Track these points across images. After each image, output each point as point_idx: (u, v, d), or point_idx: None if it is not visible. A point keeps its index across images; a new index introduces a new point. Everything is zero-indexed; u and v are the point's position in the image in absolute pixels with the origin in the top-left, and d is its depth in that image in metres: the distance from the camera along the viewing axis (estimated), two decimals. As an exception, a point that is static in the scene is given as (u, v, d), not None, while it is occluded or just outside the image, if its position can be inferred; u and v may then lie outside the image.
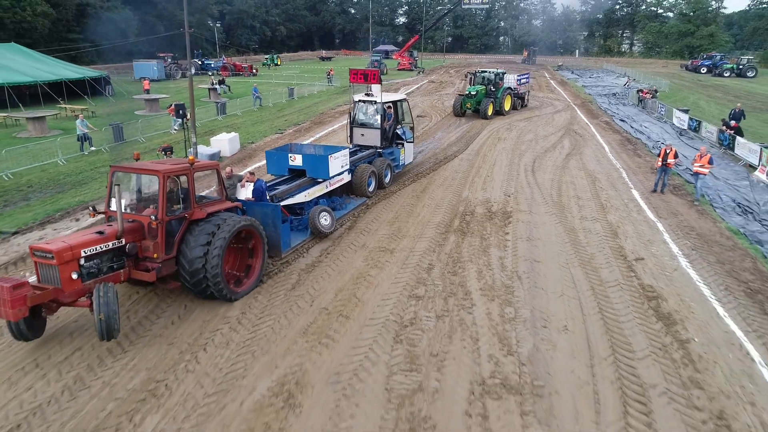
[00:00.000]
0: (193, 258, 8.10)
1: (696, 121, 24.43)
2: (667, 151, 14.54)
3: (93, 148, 20.25)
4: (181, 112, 16.98)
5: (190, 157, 8.83)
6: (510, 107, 29.86)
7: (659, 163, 14.78)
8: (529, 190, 15.31)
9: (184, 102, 18.91)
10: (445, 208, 13.75)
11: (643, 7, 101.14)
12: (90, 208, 8.84)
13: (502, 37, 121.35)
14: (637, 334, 7.98)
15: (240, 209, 9.62)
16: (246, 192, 10.96)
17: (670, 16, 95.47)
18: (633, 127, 26.08)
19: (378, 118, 15.58)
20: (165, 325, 8.16)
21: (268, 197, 11.08)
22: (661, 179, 14.92)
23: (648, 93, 33.67)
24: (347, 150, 13.98)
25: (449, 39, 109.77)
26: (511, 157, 19.52)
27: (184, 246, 8.23)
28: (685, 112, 26.52)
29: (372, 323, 8.15)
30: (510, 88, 30.06)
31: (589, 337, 7.91)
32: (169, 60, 53.32)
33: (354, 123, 16.12)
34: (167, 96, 33.12)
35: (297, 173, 12.99)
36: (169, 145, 17.73)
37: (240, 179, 11.40)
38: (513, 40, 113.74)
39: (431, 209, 13.63)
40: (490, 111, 27.70)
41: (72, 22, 61.99)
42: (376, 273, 9.90)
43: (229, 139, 19.97)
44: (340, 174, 13.40)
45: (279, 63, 70.87)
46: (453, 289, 9.27)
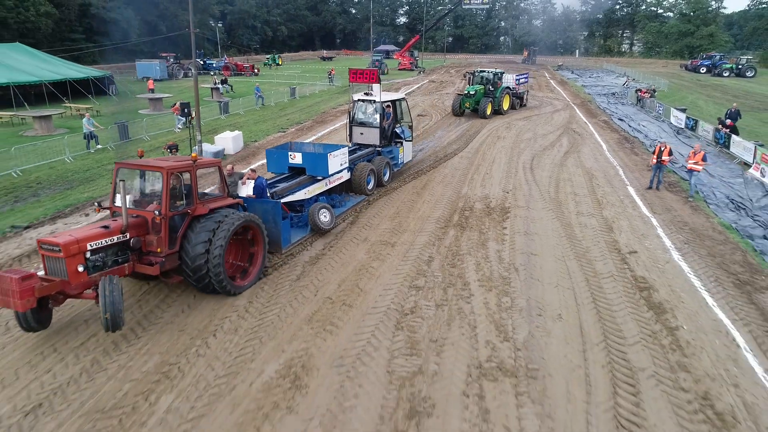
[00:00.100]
0: (195, 253, 8.30)
1: (693, 120, 24.77)
2: (662, 149, 14.87)
3: (99, 146, 20.62)
4: (186, 110, 17.36)
5: (193, 155, 9.03)
6: (508, 107, 30.18)
7: (654, 161, 15.12)
8: (527, 187, 15.65)
9: (189, 101, 19.24)
10: (445, 204, 14.09)
11: (643, 7, 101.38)
12: (95, 204, 9.07)
13: (502, 37, 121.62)
14: (629, 322, 8.32)
15: (241, 206, 9.81)
16: (247, 189, 11.18)
17: (670, 16, 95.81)
18: (631, 126, 26.40)
19: (377, 117, 15.82)
20: (176, 313, 8.51)
21: (269, 194, 11.31)
22: (656, 176, 15.27)
23: (646, 92, 34.01)
24: (346, 148, 14.20)
25: (450, 39, 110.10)
26: (510, 155, 19.86)
27: (187, 241, 8.42)
28: (683, 111, 26.86)
29: (374, 312, 8.50)
30: (508, 88, 30.39)
31: (582, 324, 8.25)
32: (171, 60, 53.67)
33: (353, 122, 16.34)
34: (170, 95, 33.48)
35: (297, 171, 13.20)
36: (174, 143, 18.12)
37: (241, 177, 11.65)
38: (513, 40, 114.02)
39: (431, 205, 13.97)
40: (489, 110, 28.03)
41: (74, 22, 62.38)
42: (377, 265, 10.25)
43: (232, 137, 20.32)
44: (339, 172, 13.61)
45: (280, 63, 71.25)
46: (452, 280, 9.61)
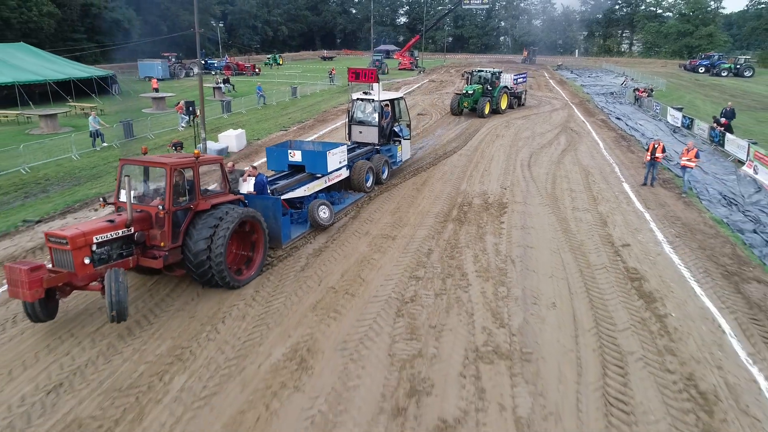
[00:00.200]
0: (198, 248, 8.51)
1: (689, 118, 25.14)
2: (656, 146, 15.24)
3: (105, 144, 20.99)
4: (191, 108, 17.73)
5: (196, 151, 9.23)
6: (506, 106, 30.52)
7: (648, 158, 15.49)
8: (525, 184, 16.02)
9: (194, 100, 19.61)
10: (444, 199, 14.46)
11: (643, 7, 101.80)
12: (100, 199, 9.32)
13: (502, 37, 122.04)
14: (620, 310, 8.69)
15: (242, 202, 9.91)
16: (248, 186, 11.36)
17: (669, 16, 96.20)
18: (628, 125, 26.76)
19: (376, 116, 16.04)
20: (185, 301, 8.87)
21: (269, 191, 11.54)
22: (650, 173, 15.64)
23: (644, 92, 34.37)
24: (345, 146, 14.44)
25: (450, 39, 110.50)
26: (509, 152, 20.23)
27: (189, 236, 8.64)
28: (679, 110, 27.22)
29: (375, 300, 8.87)
30: (506, 87, 30.73)
31: (575, 312, 8.61)
32: (173, 59, 54.07)
33: (352, 121, 16.57)
34: (173, 95, 33.86)
35: (296, 169, 13.43)
36: (179, 140, 18.51)
37: (242, 174, 11.80)
38: (513, 40, 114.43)
39: (431, 200, 14.34)
40: (487, 110, 28.34)
41: (77, 22, 62.74)
42: (379, 257, 10.62)
43: (236, 135, 20.68)
44: (338, 169, 13.82)
45: (281, 63, 71.63)
46: (450, 271, 9.98)
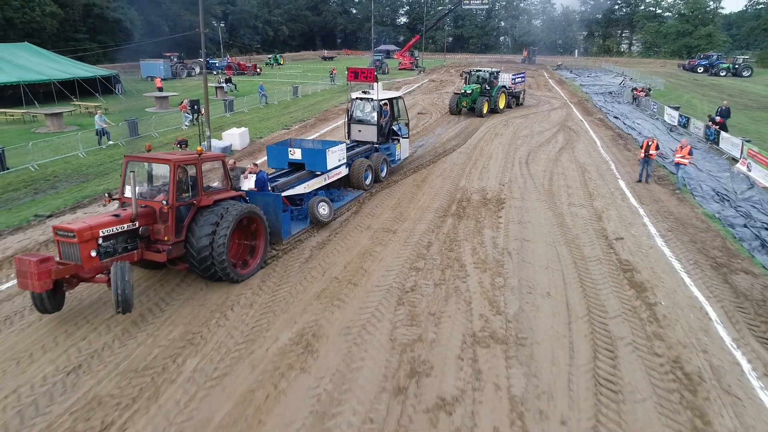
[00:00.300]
0: (200, 242, 8.74)
1: (685, 117, 25.51)
2: (649, 144, 15.62)
3: (110, 142, 21.37)
4: (196, 107, 18.10)
5: (198, 149, 9.51)
6: (504, 105, 30.86)
7: (642, 155, 15.86)
8: (523, 180, 16.39)
9: (199, 99, 19.97)
10: (444, 195, 14.83)
11: (642, 7, 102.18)
12: (105, 195, 9.57)
13: (502, 37, 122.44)
14: (611, 299, 9.06)
15: (243, 198, 10.14)
16: (249, 183, 11.62)
17: (668, 16, 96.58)
18: (625, 124, 27.12)
19: (374, 115, 16.30)
20: (195, 291, 9.24)
21: (270, 188, 11.82)
22: (645, 170, 16.01)
23: (642, 91, 34.73)
24: (344, 144, 14.68)
25: (450, 39, 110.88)
26: (507, 150, 20.60)
27: (193, 230, 8.86)
28: (676, 109, 27.58)
29: (377, 289, 9.24)
30: (504, 87, 31.07)
31: (568, 301, 8.98)
32: (174, 59, 54.45)
33: (351, 120, 16.84)
34: (176, 94, 34.24)
35: (296, 167, 13.69)
36: (184, 138, 18.92)
37: (243, 171, 12.09)
38: (513, 40, 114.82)
39: (431, 196, 14.71)
40: (485, 109, 28.66)
41: (79, 22, 63.15)
42: (380, 249, 10.99)
43: (239, 133, 21.06)
44: (337, 167, 14.06)
45: (282, 62, 72.01)
46: (449, 263, 10.35)
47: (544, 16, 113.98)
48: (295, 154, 13.61)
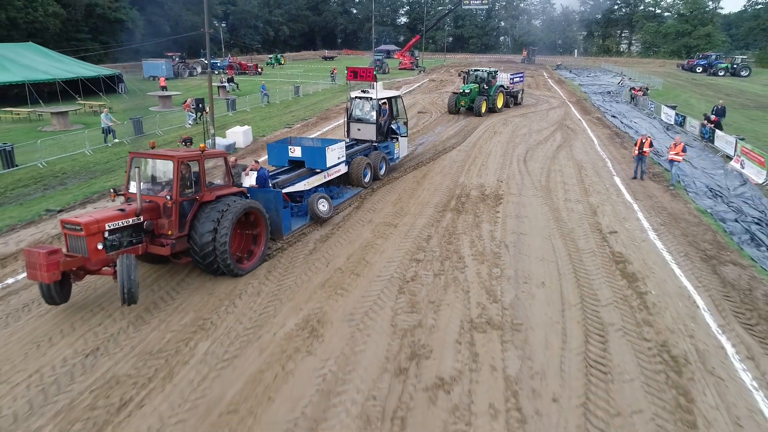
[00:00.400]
0: (203, 238, 8.97)
1: (681, 116, 25.90)
2: (643, 141, 16.00)
3: (116, 140, 21.75)
4: (200, 105, 18.47)
5: (201, 145, 9.76)
6: (502, 105, 31.21)
7: (636, 152, 16.24)
8: (520, 177, 16.76)
9: (203, 97, 20.34)
10: (443, 191, 15.21)
11: (641, 7, 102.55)
12: (111, 191, 9.86)
13: (502, 37, 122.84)
14: (604, 288, 9.44)
15: (245, 195, 10.31)
16: (250, 180, 11.87)
17: (668, 16, 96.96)
18: (623, 123, 27.48)
19: (373, 114, 16.57)
20: (203, 281, 9.61)
21: (270, 185, 12.08)
22: (639, 167, 16.39)
23: (639, 91, 35.11)
24: (343, 143, 14.90)
25: (450, 39, 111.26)
26: (505, 148, 20.97)
27: (195, 225, 9.09)
28: (673, 108, 27.97)
29: (379, 279, 9.62)
30: (502, 87, 31.42)
31: (562, 290, 9.36)
32: (176, 59, 54.80)
33: (351, 118, 17.11)
34: (180, 93, 34.62)
35: (296, 164, 13.92)
36: (188, 137, 19.23)
37: (244, 168, 12.36)
38: (513, 40, 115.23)
39: (430, 192, 15.09)
40: (484, 108, 28.96)
41: (81, 22, 63.53)
42: (381, 242, 11.37)
43: (243, 131, 21.44)
44: (336, 165, 14.27)
45: (283, 62, 72.37)
46: (448, 255, 10.73)
47: (544, 16, 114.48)
48: (295, 152, 13.82)
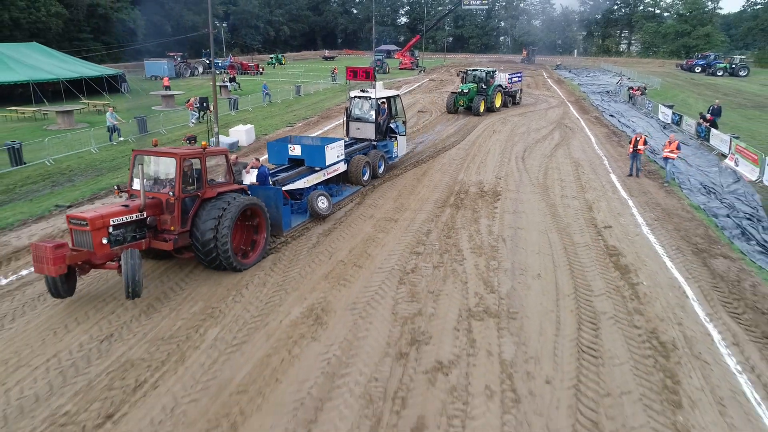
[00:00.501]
0: (205, 233, 9.16)
1: (678, 115, 26.24)
2: (638, 139, 16.36)
3: (121, 138, 22.11)
4: (205, 104, 18.80)
5: (203, 143, 10.02)
6: (500, 104, 31.54)
7: (631, 150, 16.60)
8: (518, 174, 17.11)
9: (208, 96, 20.68)
10: (443, 188, 15.55)
11: (641, 7, 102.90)
12: (114, 188, 10.08)
13: (502, 37, 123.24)
14: (597, 280, 9.78)
15: (245, 192, 10.43)
16: (250, 177, 12.09)
17: (667, 16, 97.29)
18: (620, 122, 27.83)
19: (372, 113, 16.82)
20: (211, 273, 9.93)
21: (271, 182, 12.32)
22: (634, 164, 16.74)
23: (638, 90, 35.45)
24: (342, 141, 15.14)
25: (450, 39, 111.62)
26: (504, 147, 21.32)
27: (197, 221, 9.28)
28: (670, 107, 28.31)
29: (380, 271, 9.96)
30: (500, 86, 31.74)
31: (557, 281, 9.70)
32: (178, 59, 55.17)
33: (350, 117, 17.35)
34: (182, 93, 34.98)
35: (296, 163, 14.16)
36: (193, 135, 19.62)
37: (245, 166, 12.57)
38: (513, 40, 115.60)
39: (430, 189, 15.43)
40: (482, 108, 29.28)
41: (83, 22, 63.88)
42: (383, 236, 11.72)
43: (245, 130, 21.79)
44: (336, 163, 14.51)
45: (284, 62, 72.75)
46: (447, 248, 11.08)
47: (544, 17, 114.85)
48: (295, 151, 14.05)
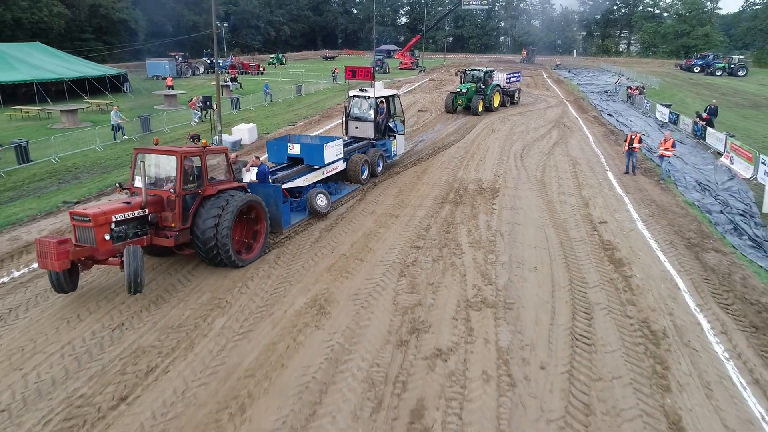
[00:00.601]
0: (206, 235, 9.32)
1: (675, 114, 26.55)
2: (633, 137, 16.66)
3: (125, 137, 22.41)
4: (208, 103, 19.10)
5: (203, 141, 10.20)
6: (499, 104, 31.82)
7: (626, 148, 16.90)
8: (517, 172, 17.41)
9: (211, 95, 20.98)
10: (442, 185, 15.85)
11: (640, 7, 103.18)
12: (116, 185, 10.29)
13: (502, 37, 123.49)
14: (592, 272, 10.08)
15: (245, 189, 10.58)
16: (251, 175, 12.32)
17: (666, 16, 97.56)
18: (618, 121, 28.12)
19: (371, 112, 17.02)
20: (215, 267, 10.24)
21: (270, 180, 12.51)
22: (630, 162, 17.04)
23: (636, 90, 35.74)
24: (341, 140, 15.35)
25: (450, 39, 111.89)
26: (503, 145, 21.61)
27: (198, 218, 9.42)
28: (667, 107, 28.61)
29: (381, 264, 10.26)
30: (498, 86, 32.02)
31: (553, 274, 10.00)
32: (179, 59, 55.46)
33: (349, 116, 17.54)
34: (185, 92, 35.29)
35: (295, 161, 14.35)
36: (196, 133, 19.94)
37: (245, 164, 12.82)
38: (513, 40, 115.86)
39: (430, 186, 15.73)
40: (481, 107, 29.57)
41: (85, 22, 64.18)
42: (383, 231, 12.02)
43: (248, 129, 22.09)
44: (335, 162, 14.68)
45: (285, 62, 73.06)
46: (446, 242, 11.37)
47: (544, 17, 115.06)
48: (294, 149, 14.22)
